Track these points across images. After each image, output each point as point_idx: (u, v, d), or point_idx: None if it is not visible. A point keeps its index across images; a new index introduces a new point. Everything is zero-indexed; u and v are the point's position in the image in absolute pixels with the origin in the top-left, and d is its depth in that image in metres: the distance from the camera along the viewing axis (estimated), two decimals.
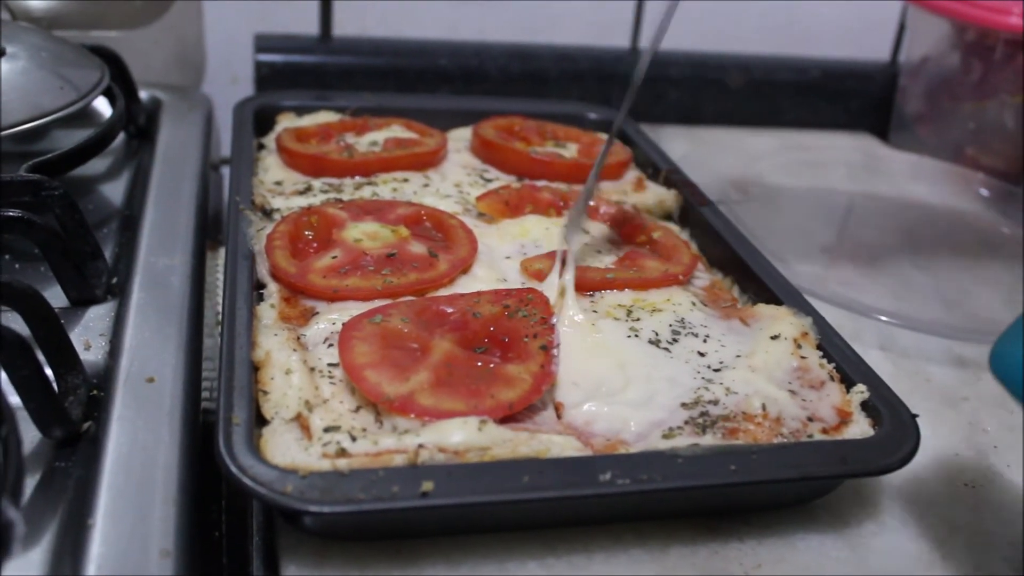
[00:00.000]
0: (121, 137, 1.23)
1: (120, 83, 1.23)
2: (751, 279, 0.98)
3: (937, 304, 1.19)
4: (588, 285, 0.92)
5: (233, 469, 0.65)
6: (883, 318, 1.07)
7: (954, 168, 1.56)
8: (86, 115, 1.17)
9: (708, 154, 1.50)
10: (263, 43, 1.53)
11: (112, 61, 1.24)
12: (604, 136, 1.32)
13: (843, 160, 1.60)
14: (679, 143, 1.56)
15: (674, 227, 1.11)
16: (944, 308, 1.18)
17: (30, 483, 0.70)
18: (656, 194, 1.17)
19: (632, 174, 1.24)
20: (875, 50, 1.80)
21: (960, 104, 1.60)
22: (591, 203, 1.10)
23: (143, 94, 1.32)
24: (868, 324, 1.08)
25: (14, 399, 0.70)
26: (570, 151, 1.26)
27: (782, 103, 1.75)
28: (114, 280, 0.93)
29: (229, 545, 0.80)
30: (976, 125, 1.57)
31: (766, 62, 1.74)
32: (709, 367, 0.84)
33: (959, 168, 1.56)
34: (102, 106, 1.21)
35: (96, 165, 1.17)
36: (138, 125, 1.26)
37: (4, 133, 0.99)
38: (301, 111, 1.30)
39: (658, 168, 1.23)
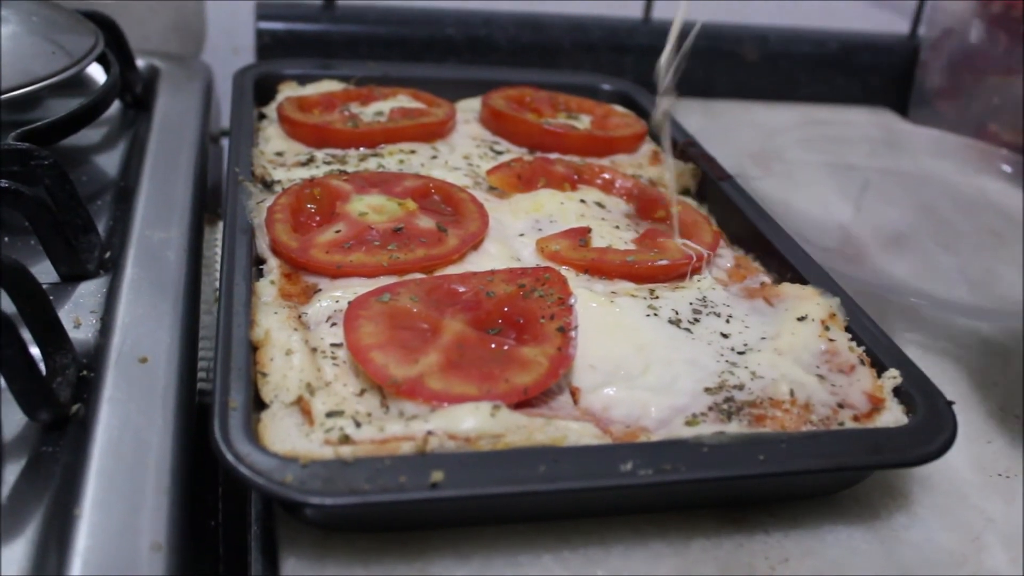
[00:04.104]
0: (117, 106, 1.20)
1: (115, 50, 1.19)
2: (774, 256, 0.94)
3: (962, 284, 1.15)
4: (608, 270, 0.88)
5: (229, 457, 0.61)
6: (908, 298, 1.03)
7: (976, 144, 1.52)
8: (81, 83, 1.14)
9: (724, 128, 1.46)
10: (265, 11, 1.49)
11: (107, 27, 1.20)
12: (618, 108, 1.27)
13: (862, 136, 1.56)
14: (694, 117, 1.52)
15: (692, 202, 1.07)
16: (969, 288, 1.14)
17: (15, 469, 0.66)
18: (673, 168, 1.13)
19: (647, 147, 1.19)
20: (895, 22, 1.75)
21: (983, 78, 1.55)
22: (606, 176, 1.06)
23: (140, 62, 1.28)
24: (892, 304, 1.04)
25: None
26: (583, 123, 1.22)
27: (799, 76, 1.71)
28: (107, 254, 0.89)
29: (226, 534, 0.77)
30: (1000, 100, 1.53)
31: (783, 34, 1.69)
32: (733, 349, 0.80)
33: (981, 144, 1.52)
34: (97, 74, 1.17)
35: (91, 135, 1.13)
36: (135, 94, 1.22)
37: None
38: (304, 80, 1.26)
39: (674, 141, 1.19)
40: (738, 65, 1.67)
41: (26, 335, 0.67)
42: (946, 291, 1.10)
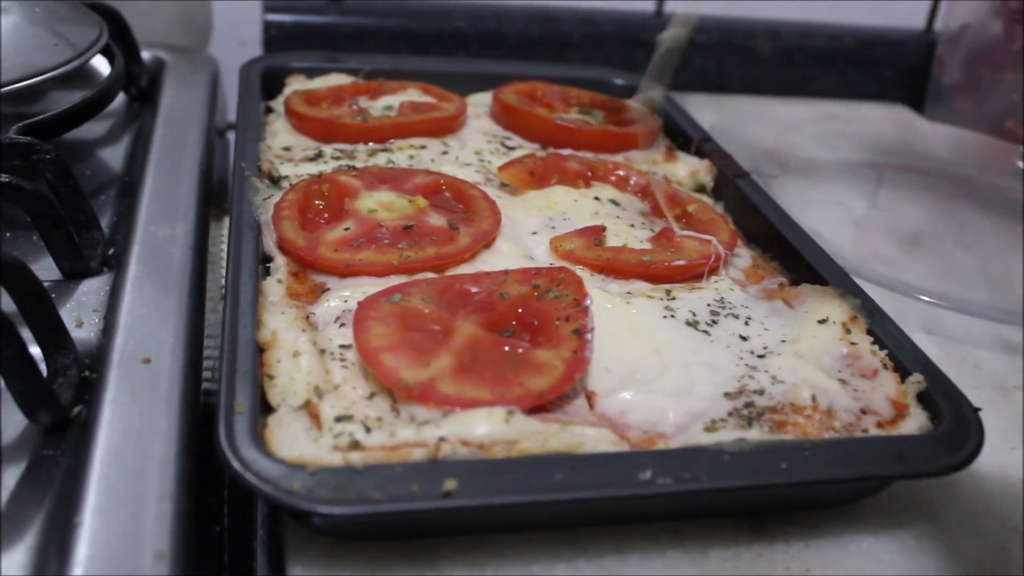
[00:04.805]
0: (122, 99, 1.17)
1: (120, 42, 1.17)
2: (792, 256, 0.92)
3: (982, 284, 1.13)
4: (623, 270, 0.86)
5: (235, 464, 0.59)
6: (927, 299, 1.01)
7: (992, 141, 1.50)
8: (84, 75, 1.12)
9: (737, 124, 1.43)
10: (272, 3, 1.47)
11: (111, 18, 1.17)
12: (632, 103, 1.25)
13: (878, 132, 1.53)
14: (706, 112, 1.49)
15: (708, 200, 1.05)
16: (989, 289, 1.12)
17: (14, 472, 0.64)
18: (688, 165, 1.11)
19: (661, 143, 1.17)
20: (910, 17, 1.73)
21: (1001, 75, 1.53)
22: (620, 173, 1.03)
23: (145, 55, 1.26)
24: (911, 306, 1.02)
25: None
26: (596, 118, 1.19)
27: (812, 72, 1.68)
28: (110, 251, 0.87)
29: (231, 540, 0.75)
30: (1018, 97, 1.50)
31: (796, 29, 1.66)
32: (752, 352, 0.78)
33: (998, 141, 1.50)
34: (101, 66, 1.15)
35: (95, 128, 1.11)
36: (139, 87, 1.20)
37: None
38: (311, 73, 1.24)
39: (688, 137, 1.17)
40: (751, 60, 1.65)
41: (26, 335, 0.65)
42: (965, 291, 1.08)
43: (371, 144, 1.07)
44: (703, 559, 0.67)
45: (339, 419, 0.65)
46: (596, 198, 0.97)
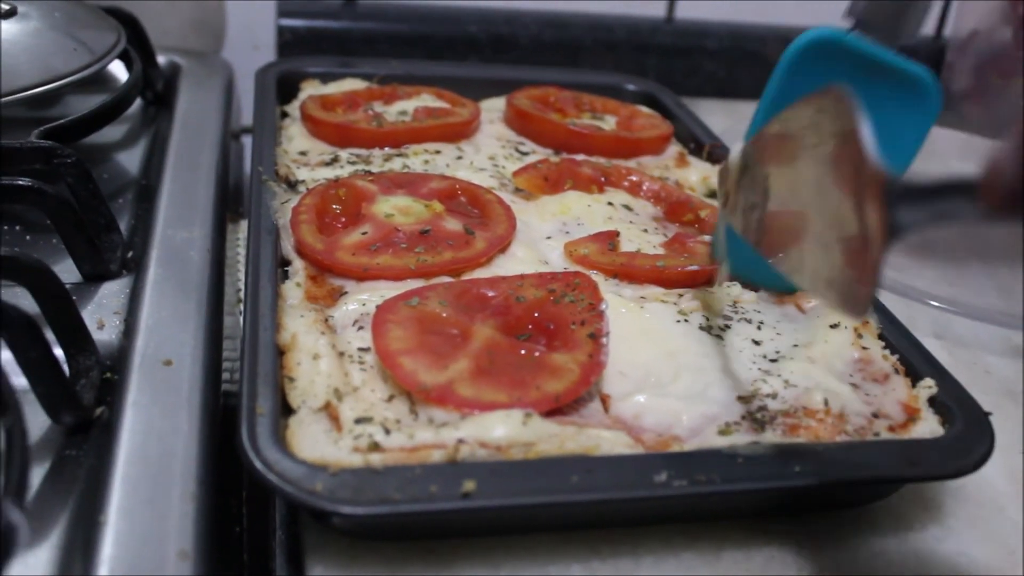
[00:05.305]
0: (138, 103, 1.18)
1: (137, 47, 1.18)
2: None
3: (991, 290, 1.13)
4: (637, 275, 0.87)
5: (258, 465, 0.60)
6: (936, 304, 1.02)
7: None
8: (101, 80, 1.12)
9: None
10: (286, 7, 1.47)
11: (129, 23, 1.18)
12: (644, 109, 1.26)
13: None
14: (717, 117, 1.49)
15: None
16: (1000, 295, 1.12)
17: (39, 472, 0.65)
18: (700, 170, 1.11)
19: (673, 149, 1.18)
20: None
21: (1011, 81, 1.53)
22: (633, 179, 1.04)
23: (161, 59, 1.27)
24: (920, 310, 1.02)
25: (21, 381, 0.65)
26: (608, 124, 1.20)
27: None
28: (130, 254, 0.88)
29: (250, 540, 0.75)
30: None
31: None
32: (765, 357, 0.79)
33: None
34: (118, 70, 1.16)
35: (112, 132, 1.11)
36: (156, 91, 1.21)
37: (14, 97, 0.94)
38: (326, 78, 1.25)
39: (700, 143, 1.17)
40: (762, 65, 1.65)
41: (49, 336, 0.66)
42: (974, 297, 1.08)
43: (387, 149, 1.08)
44: (716, 561, 0.68)
45: (359, 421, 0.65)
46: (609, 203, 0.98)
